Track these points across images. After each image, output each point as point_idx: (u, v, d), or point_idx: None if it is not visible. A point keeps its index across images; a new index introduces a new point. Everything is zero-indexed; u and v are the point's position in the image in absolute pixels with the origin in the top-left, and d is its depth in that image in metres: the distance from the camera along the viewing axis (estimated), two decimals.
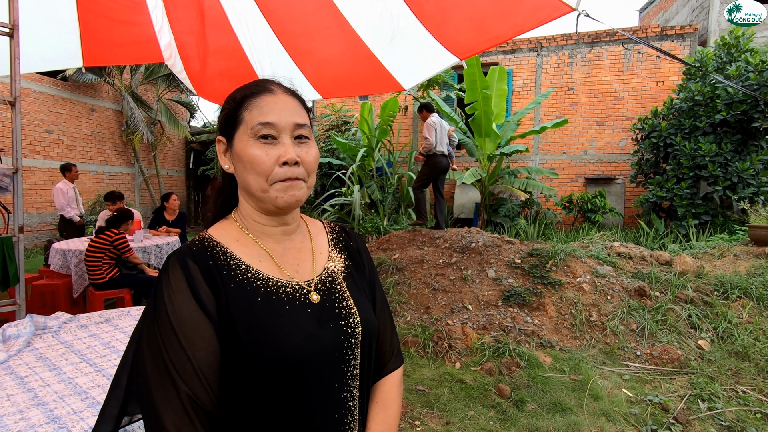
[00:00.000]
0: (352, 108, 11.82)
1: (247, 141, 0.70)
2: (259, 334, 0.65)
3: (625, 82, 9.98)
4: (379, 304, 0.86)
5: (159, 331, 0.62)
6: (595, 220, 8.54)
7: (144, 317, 0.67)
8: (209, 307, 0.65)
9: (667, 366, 3.12)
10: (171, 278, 0.66)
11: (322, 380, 0.70)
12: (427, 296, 4.00)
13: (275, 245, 0.77)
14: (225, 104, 0.76)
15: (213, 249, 0.72)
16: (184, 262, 0.68)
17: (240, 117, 0.72)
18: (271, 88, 0.74)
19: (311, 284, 0.75)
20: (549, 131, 9.83)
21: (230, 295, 0.67)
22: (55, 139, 9.78)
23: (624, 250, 4.69)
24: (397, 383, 0.85)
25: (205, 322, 0.64)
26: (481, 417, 2.53)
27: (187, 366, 0.61)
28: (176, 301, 0.64)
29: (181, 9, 2.90)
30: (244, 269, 0.71)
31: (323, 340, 0.70)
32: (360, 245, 0.90)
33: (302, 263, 0.78)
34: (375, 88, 3.31)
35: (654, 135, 8.09)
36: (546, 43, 10.48)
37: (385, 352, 0.85)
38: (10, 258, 2.66)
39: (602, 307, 3.67)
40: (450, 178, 8.35)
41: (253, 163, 0.69)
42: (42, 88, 9.48)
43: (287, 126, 0.71)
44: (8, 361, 1.46)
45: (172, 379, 0.60)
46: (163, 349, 0.61)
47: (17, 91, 2.66)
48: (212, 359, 0.64)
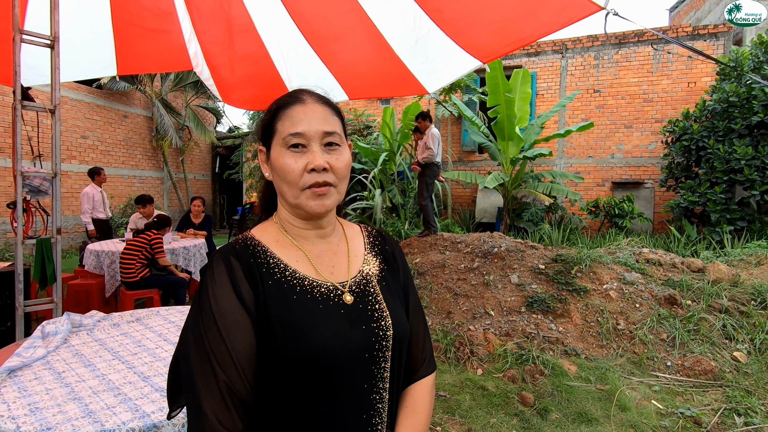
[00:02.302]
0: (374, 112, 11.89)
1: (279, 150, 0.74)
2: (293, 331, 0.68)
3: (655, 83, 9.69)
4: (413, 309, 0.87)
5: (202, 322, 0.66)
6: (623, 226, 8.29)
7: (191, 309, 0.71)
8: (248, 301, 0.69)
9: (700, 378, 2.99)
10: (215, 273, 0.70)
11: (352, 381, 0.71)
12: (448, 301, 3.97)
13: (312, 247, 0.80)
14: (264, 115, 0.80)
15: (255, 248, 0.75)
16: (228, 258, 0.72)
17: (275, 127, 0.76)
18: (303, 98, 0.77)
19: (345, 286, 0.77)
20: (574, 134, 9.63)
21: (268, 292, 0.71)
22: (90, 145, 10.21)
23: (653, 257, 4.54)
24: (428, 389, 0.85)
25: (244, 316, 0.68)
26: (504, 425, 2.49)
27: (226, 356, 0.65)
28: (218, 294, 0.68)
29: (206, 20, 2.99)
30: (282, 268, 0.74)
31: (355, 341, 0.72)
32: (396, 250, 0.91)
33: (338, 265, 0.80)
34: (400, 90, 3.33)
35: (685, 138, 7.81)
36: (571, 44, 10.29)
37: (417, 357, 0.86)
38: (49, 258, 2.79)
39: (630, 315, 3.56)
40: (473, 182, 8.28)
41: (284, 171, 0.73)
42: (79, 96, 9.92)
43: (316, 134, 0.73)
44: (47, 356, 1.54)
45: (212, 368, 0.64)
46: (206, 339, 0.65)
47: (57, 100, 2.80)
48: (249, 351, 0.67)
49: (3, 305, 3.15)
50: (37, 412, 1.15)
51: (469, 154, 11.29)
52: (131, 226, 5.30)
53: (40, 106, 2.79)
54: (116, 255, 4.28)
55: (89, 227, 6.02)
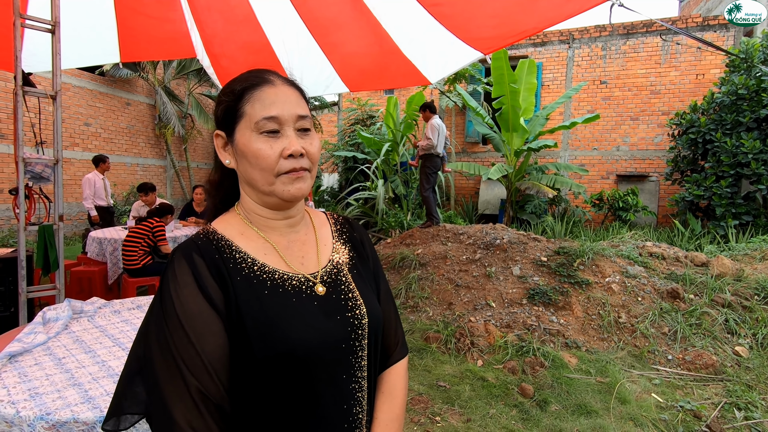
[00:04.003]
0: (377, 102, 11.81)
1: (250, 135, 0.69)
2: (267, 327, 0.65)
3: (663, 75, 9.56)
4: (384, 295, 0.86)
5: (167, 326, 0.62)
6: (627, 219, 8.25)
7: (150, 313, 0.66)
8: (216, 300, 0.65)
9: (701, 372, 2.99)
10: (177, 272, 0.66)
11: (331, 372, 0.70)
12: (450, 292, 3.97)
13: (280, 238, 0.76)
14: (222, 96, 0.73)
15: (218, 242, 0.71)
16: (190, 256, 0.67)
17: (241, 110, 0.70)
18: (271, 79, 0.72)
19: (317, 276, 0.75)
20: (579, 126, 9.54)
21: (237, 289, 0.67)
22: (92, 132, 10.20)
23: (657, 251, 4.51)
24: (402, 373, 0.86)
25: (213, 316, 0.64)
26: (503, 416, 2.50)
27: (196, 360, 0.61)
28: (183, 295, 0.64)
29: (206, 9, 2.96)
30: (249, 262, 0.71)
31: (331, 333, 0.70)
32: (363, 236, 0.89)
33: (307, 255, 0.78)
34: (401, 81, 3.30)
35: (692, 131, 7.72)
36: (578, 35, 10.14)
37: (391, 343, 0.86)
38: (51, 245, 2.80)
39: (632, 309, 3.55)
40: (476, 173, 8.24)
41: (258, 158, 0.68)
42: (81, 83, 9.88)
43: (290, 118, 0.70)
44: (48, 342, 1.54)
45: (181, 374, 0.60)
46: (172, 344, 0.61)
47: (58, 86, 2.78)
48: (221, 353, 0.64)
49: (6, 291, 3.17)
50: (36, 397, 1.15)
51: (472, 145, 11.22)
52: (134, 213, 5.31)
53: (41, 91, 2.77)
54: (119, 242, 4.29)
55: (92, 213, 6.06)
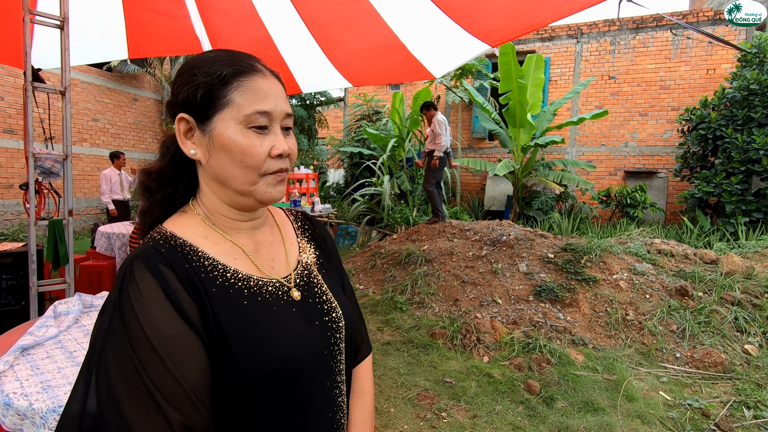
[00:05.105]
0: (383, 98, 11.77)
1: (235, 128, 0.60)
2: (254, 342, 0.59)
3: (672, 70, 9.43)
4: (348, 291, 0.83)
5: (136, 356, 0.51)
6: (635, 216, 8.18)
7: (102, 342, 0.53)
8: (193, 318, 0.56)
9: (710, 370, 2.97)
10: (141, 289, 0.54)
11: (316, 382, 0.66)
12: (456, 288, 3.96)
13: (247, 240, 0.69)
14: (200, 77, 0.61)
15: (182, 248, 0.61)
16: (155, 267, 0.57)
17: (228, 98, 0.60)
18: (261, 69, 0.64)
19: (290, 280, 0.70)
20: (587, 122, 9.46)
21: (214, 301, 0.59)
22: (101, 128, 10.27)
23: (665, 248, 4.47)
24: (370, 370, 0.85)
25: (192, 338, 0.55)
26: (509, 412, 2.50)
27: (177, 390, 0.52)
28: (154, 316, 0.53)
29: (207, 10, 2.97)
30: (221, 270, 0.62)
31: (314, 341, 0.67)
32: (324, 232, 0.85)
33: (276, 258, 0.72)
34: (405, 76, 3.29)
35: (702, 126, 7.62)
36: (587, 29, 10.03)
37: (358, 340, 0.83)
38: (61, 239, 2.83)
39: (640, 306, 3.53)
40: (482, 169, 8.20)
41: (246, 154, 0.60)
42: (89, 78, 9.95)
43: (280, 115, 0.63)
44: (59, 335, 1.56)
45: (159, 408, 0.51)
46: (144, 375, 0.51)
47: (67, 81, 2.79)
48: (204, 378, 0.55)
49: (17, 285, 3.21)
50: (49, 390, 1.17)
51: (479, 141, 11.16)
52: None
53: (50, 87, 2.79)
54: (126, 237, 4.33)
55: (110, 207, 6.26)
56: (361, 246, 7.35)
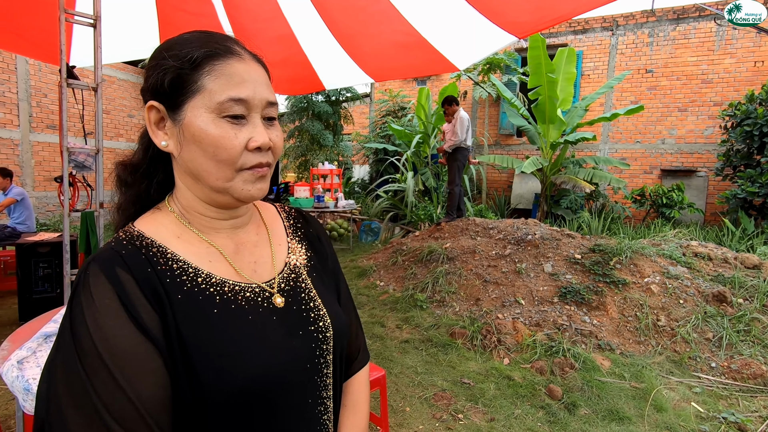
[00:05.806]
0: (409, 93, 11.69)
1: (207, 117, 0.54)
2: (220, 357, 0.53)
3: (716, 62, 8.91)
4: (344, 297, 0.76)
5: (83, 369, 0.47)
6: (671, 216, 7.80)
7: (57, 349, 0.49)
8: (152, 329, 0.50)
9: (748, 382, 2.79)
10: (94, 296, 0.49)
11: (296, 398, 0.60)
12: (477, 288, 3.89)
13: (226, 241, 0.63)
14: (169, 60, 0.55)
15: (148, 250, 0.56)
16: (111, 271, 0.51)
17: (199, 83, 0.54)
18: (238, 51, 0.58)
19: (273, 285, 0.63)
20: (621, 118, 9.08)
21: (178, 310, 0.53)
22: (136, 124, 10.67)
23: (703, 251, 4.24)
24: (365, 384, 0.78)
25: (150, 351, 0.49)
26: (529, 417, 2.43)
27: (128, 409, 0.47)
28: (106, 326, 0.48)
29: (233, 8, 3.01)
30: (191, 274, 0.56)
31: (295, 353, 0.59)
32: (320, 231, 0.78)
33: (260, 260, 0.65)
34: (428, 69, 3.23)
35: (748, 122, 7.17)
36: (623, 21, 9.61)
37: (352, 350, 0.77)
38: (93, 230, 2.94)
39: (672, 312, 3.35)
40: (509, 166, 8.02)
41: (219, 147, 0.54)
42: (126, 76, 10.33)
43: (260, 104, 0.57)
44: None
45: (107, 429, 0.46)
46: (92, 392, 0.46)
47: (99, 78, 2.89)
48: (162, 395, 0.50)
49: (53, 273, 3.36)
50: None
51: (506, 138, 10.91)
52: None
53: (83, 84, 2.89)
54: None
55: None
56: (383, 242, 7.34)
